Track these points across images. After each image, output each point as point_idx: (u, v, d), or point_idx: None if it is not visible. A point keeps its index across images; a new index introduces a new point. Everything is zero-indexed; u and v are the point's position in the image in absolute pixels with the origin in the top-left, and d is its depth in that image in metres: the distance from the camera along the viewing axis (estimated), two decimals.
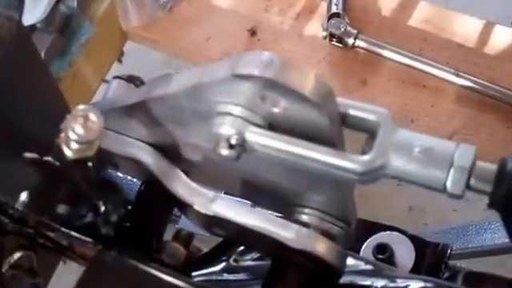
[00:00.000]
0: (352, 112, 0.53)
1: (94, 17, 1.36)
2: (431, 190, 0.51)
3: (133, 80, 0.63)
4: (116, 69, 1.48)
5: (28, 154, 0.56)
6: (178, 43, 1.40)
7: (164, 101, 0.56)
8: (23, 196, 0.58)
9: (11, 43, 0.54)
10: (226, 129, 0.52)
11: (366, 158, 0.51)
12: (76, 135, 0.52)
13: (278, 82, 0.49)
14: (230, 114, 0.52)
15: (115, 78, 0.64)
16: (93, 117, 0.52)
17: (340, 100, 0.52)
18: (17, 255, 0.59)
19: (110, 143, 0.60)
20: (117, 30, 1.42)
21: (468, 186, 0.50)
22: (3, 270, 0.58)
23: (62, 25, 1.30)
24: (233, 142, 0.52)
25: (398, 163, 0.51)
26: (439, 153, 0.50)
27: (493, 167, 0.50)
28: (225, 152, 0.52)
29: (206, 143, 0.57)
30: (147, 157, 0.60)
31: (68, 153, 0.53)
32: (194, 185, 0.61)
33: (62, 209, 0.58)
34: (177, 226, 0.87)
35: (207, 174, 0.63)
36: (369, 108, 0.53)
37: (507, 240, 1.13)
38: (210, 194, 0.60)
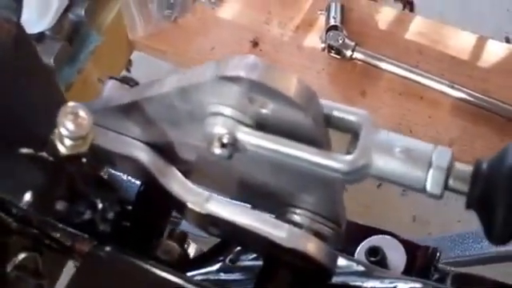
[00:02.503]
0: (335, 113, 0.54)
1: (101, 26, 1.38)
2: (412, 189, 0.52)
3: (127, 81, 0.63)
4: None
5: (23, 150, 0.56)
6: (183, 53, 1.42)
7: (157, 101, 0.57)
8: (27, 196, 0.58)
9: (9, 44, 0.55)
10: (218, 128, 0.54)
11: (349, 157, 0.53)
12: (67, 131, 0.53)
13: (262, 84, 0.51)
14: (221, 114, 0.54)
15: (110, 78, 0.64)
16: (82, 113, 0.53)
17: (324, 102, 0.54)
18: (21, 256, 0.59)
19: (107, 141, 0.60)
20: (124, 40, 1.44)
21: (446, 187, 0.51)
22: (8, 270, 0.58)
23: (71, 33, 1.32)
24: (225, 141, 0.54)
25: (380, 163, 0.52)
26: (418, 153, 0.52)
27: (469, 168, 0.51)
28: (217, 151, 0.54)
29: (200, 143, 0.58)
30: (144, 155, 0.61)
31: (62, 149, 0.54)
32: (189, 184, 0.61)
33: (60, 205, 0.59)
34: (179, 228, 0.88)
35: (204, 175, 0.64)
36: (350, 110, 0.54)
37: (505, 248, 1.13)
38: (205, 193, 0.60)
